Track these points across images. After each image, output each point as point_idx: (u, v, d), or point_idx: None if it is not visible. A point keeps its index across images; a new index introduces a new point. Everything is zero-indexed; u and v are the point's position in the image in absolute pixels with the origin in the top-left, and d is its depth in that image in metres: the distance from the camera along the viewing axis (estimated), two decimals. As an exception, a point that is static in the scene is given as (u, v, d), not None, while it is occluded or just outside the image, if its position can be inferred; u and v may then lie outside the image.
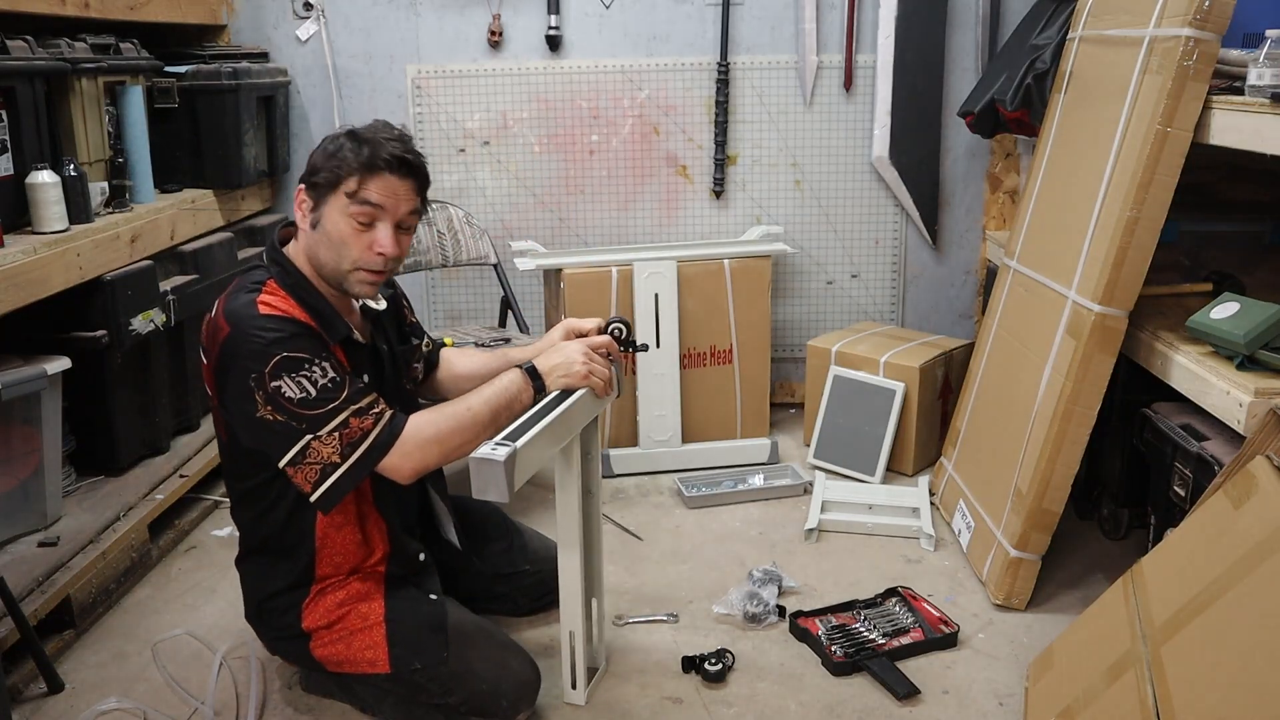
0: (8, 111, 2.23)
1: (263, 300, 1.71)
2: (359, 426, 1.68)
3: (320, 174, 1.73)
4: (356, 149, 1.71)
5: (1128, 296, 2.12)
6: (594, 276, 2.99)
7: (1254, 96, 1.87)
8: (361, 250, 1.74)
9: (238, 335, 1.67)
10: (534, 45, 3.30)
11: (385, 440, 1.70)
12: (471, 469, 1.65)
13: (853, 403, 3.03)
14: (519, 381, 1.82)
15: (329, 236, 1.74)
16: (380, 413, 1.71)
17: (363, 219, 1.73)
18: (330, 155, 1.73)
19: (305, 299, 1.77)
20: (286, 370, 1.65)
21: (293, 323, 1.70)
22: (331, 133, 1.79)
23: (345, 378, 1.70)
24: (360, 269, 1.76)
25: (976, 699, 1.99)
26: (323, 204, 1.73)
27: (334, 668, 1.88)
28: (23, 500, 2.30)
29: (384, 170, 1.72)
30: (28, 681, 2.03)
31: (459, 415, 1.75)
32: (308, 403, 1.66)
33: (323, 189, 1.73)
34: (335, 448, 1.68)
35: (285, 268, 1.79)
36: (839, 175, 3.38)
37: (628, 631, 2.23)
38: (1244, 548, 1.48)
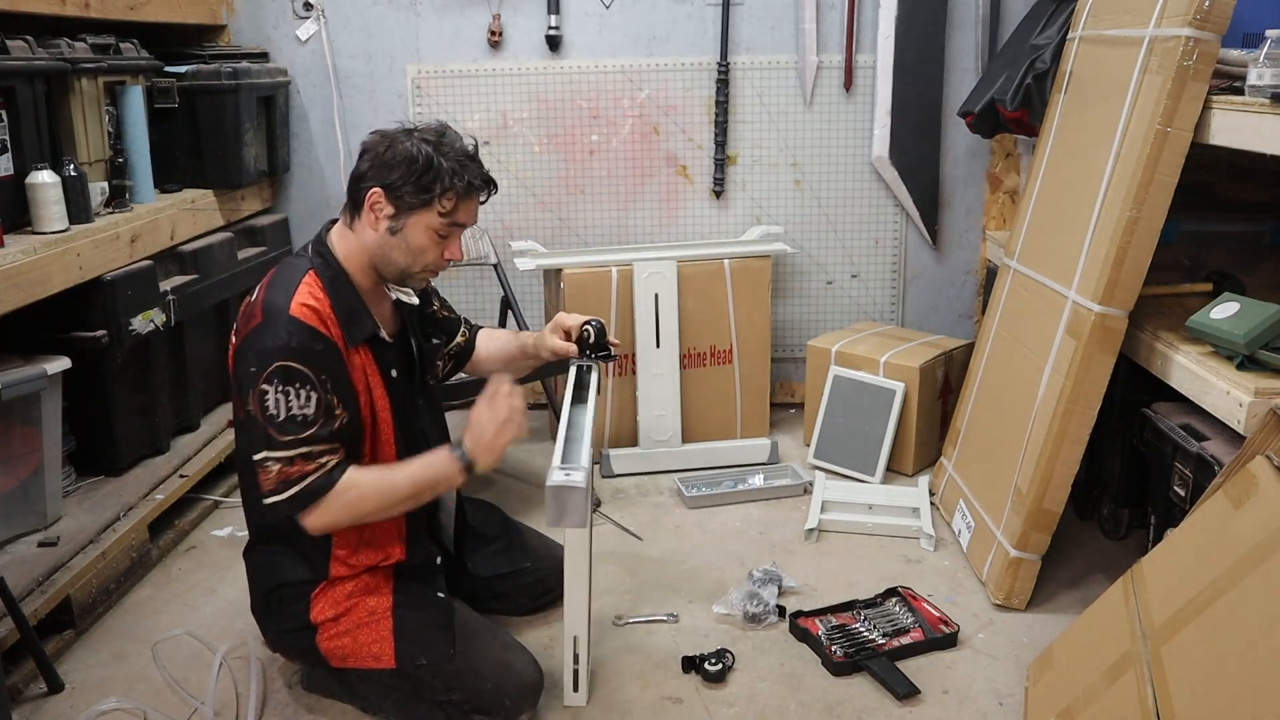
0: (8, 111, 2.23)
1: (300, 299, 1.74)
2: (299, 470, 1.72)
3: (409, 188, 1.76)
4: (453, 172, 1.77)
5: (1128, 296, 2.12)
6: (594, 276, 2.99)
7: (1254, 96, 1.87)
8: (436, 257, 1.84)
9: (263, 328, 1.73)
10: (534, 45, 3.30)
11: (317, 489, 1.73)
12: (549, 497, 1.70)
13: (853, 403, 3.03)
14: (450, 467, 1.80)
15: (408, 244, 1.81)
16: (325, 462, 1.74)
17: (444, 233, 1.82)
18: (422, 172, 1.75)
19: (341, 293, 1.80)
20: (280, 379, 1.70)
21: (314, 333, 1.73)
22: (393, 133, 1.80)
23: (319, 419, 1.73)
24: (428, 270, 1.86)
25: (976, 699, 1.99)
26: (408, 215, 1.79)
27: (338, 662, 1.88)
28: (23, 500, 2.30)
29: (473, 195, 1.82)
30: (28, 681, 2.03)
31: (381, 493, 1.78)
32: (274, 421, 1.70)
33: (413, 204, 1.78)
34: (271, 478, 1.73)
35: (328, 260, 1.83)
36: (839, 175, 3.38)
37: (628, 631, 2.23)
38: (1244, 548, 1.48)
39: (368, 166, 1.79)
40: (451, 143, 1.81)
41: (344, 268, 1.83)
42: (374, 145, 1.80)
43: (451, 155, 1.78)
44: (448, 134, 1.82)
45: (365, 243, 1.83)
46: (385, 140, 1.79)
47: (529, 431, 3.26)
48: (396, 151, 1.76)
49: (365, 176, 1.79)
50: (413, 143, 1.77)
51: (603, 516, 2.78)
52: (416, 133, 1.80)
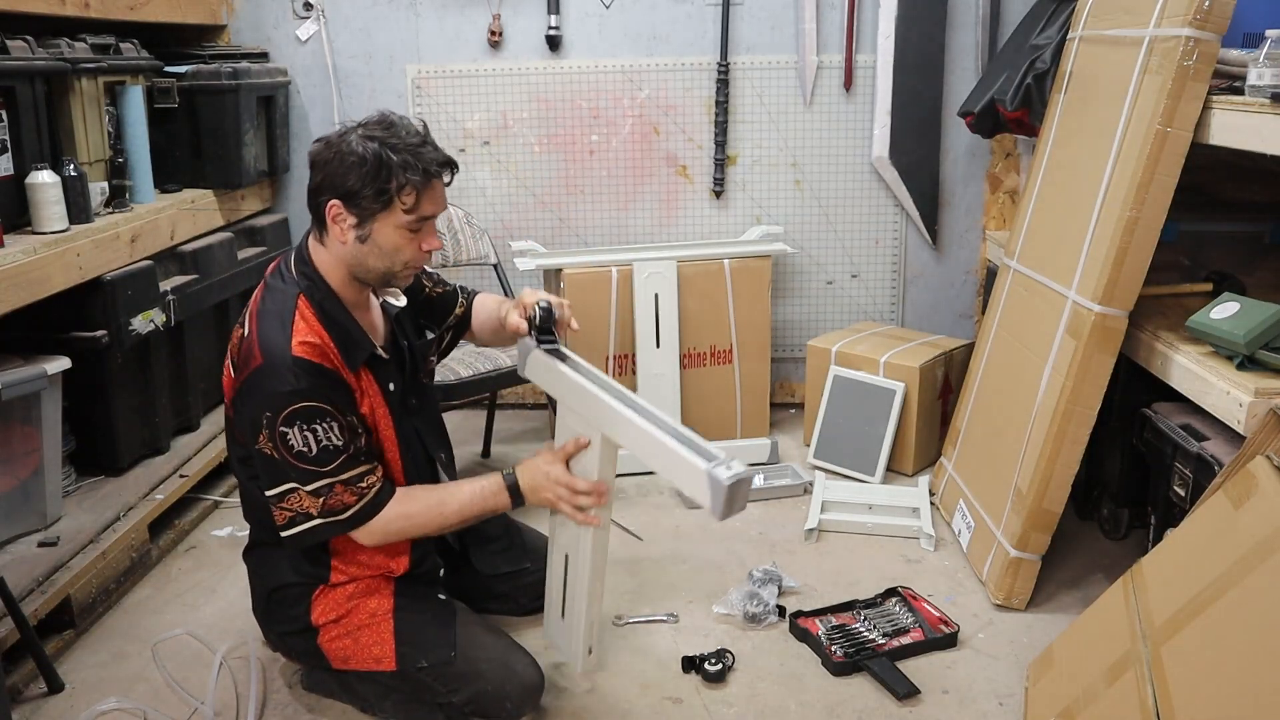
0: (8, 111, 2.23)
1: (299, 338, 1.72)
2: (342, 498, 1.74)
3: (366, 192, 1.70)
4: (406, 165, 1.69)
5: (1128, 296, 2.12)
6: (594, 276, 2.99)
7: (1254, 96, 1.87)
8: (414, 253, 1.79)
9: (267, 371, 1.70)
10: (534, 45, 3.30)
11: (363, 516, 1.76)
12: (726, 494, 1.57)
13: (853, 403, 3.03)
14: (500, 495, 1.83)
15: (380, 248, 1.76)
16: (367, 488, 1.75)
17: (415, 228, 1.76)
18: (375, 173, 1.69)
19: (334, 317, 1.78)
20: (300, 419, 1.69)
21: (320, 371, 1.72)
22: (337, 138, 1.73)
23: (349, 444, 1.74)
24: (410, 267, 1.81)
25: (976, 699, 1.99)
26: (372, 220, 1.73)
27: (339, 664, 1.88)
28: (23, 500, 2.30)
29: (435, 180, 1.75)
30: (28, 681, 2.03)
31: (431, 517, 1.82)
32: (305, 458, 1.70)
33: (373, 208, 1.72)
34: (315, 506, 1.73)
35: (315, 282, 1.79)
36: (839, 175, 3.38)
37: (628, 631, 2.23)
38: (1244, 548, 1.48)
39: (321, 179, 1.73)
40: (398, 133, 1.72)
41: (331, 287, 1.80)
42: (321, 155, 1.73)
43: (401, 147, 1.70)
44: (394, 124, 1.74)
45: (339, 255, 1.78)
46: (331, 148, 1.72)
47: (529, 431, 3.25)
48: (344, 158, 1.70)
49: (321, 189, 1.73)
50: (358, 142, 1.70)
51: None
52: (360, 130, 1.72)
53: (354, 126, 1.74)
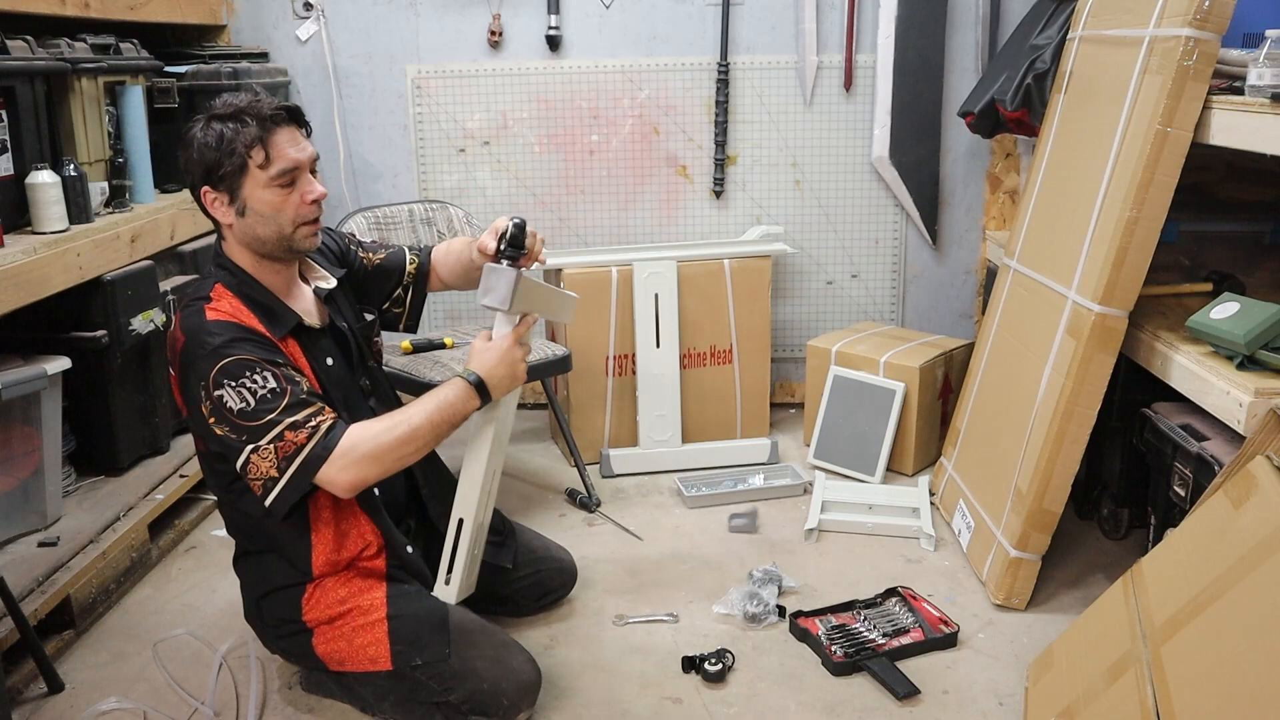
0: (8, 111, 2.23)
1: (211, 307, 1.75)
2: (293, 440, 1.70)
3: (221, 167, 1.72)
4: (239, 125, 1.71)
5: (1128, 296, 2.12)
6: (594, 276, 2.99)
7: (1254, 96, 1.87)
8: (295, 208, 1.78)
9: (190, 343, 1.72)
10: (534, 45, 3.30)
11: (320, 454, 1.71)
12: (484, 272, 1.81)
13: (853, 403, 3.03)
14: (463, 394, 1.81)
15: (261, 214, 1.76)
16: (317, 425, 1.72)
17: (284, 182, 1.75)
18: (217, 145, 1.71)
19: (252, 295, 1.80)
20: (229, 377, 1.68)
21: (238, 327, 1.73)
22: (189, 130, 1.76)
23: (287, 387, 1.72)
24: (301, 224, 1.79)
25: (976, 699, 1.99)
26: (239, 190, 1.75)
27: (335, 666, 1.88)
28: (23, 500, 2.30)
29: (277, 127, 1.74)
30: (28, 681, 2.03)
31: (398, 432, 1.76)
32: (246, 414, 1.69)
33: (232, 177, 1.73)
34: (272, 461, 1.71)
35: (230, 269, 1.82)
36: (839, 175, 3.38)
37: (628, 631, 2.23)
38: (1244, 548, 1.48)
39: (189, 177, 1.77)
40: (228, 100, 1.75)
41: (248, 273, 1.82)
42: (181, 156, 1.77)
43: (230, 112, 1.72)
44: (221, 96, 1.77)
45: (236, 240, 1.80)
46: (183, 144, 1.76)
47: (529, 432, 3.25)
48: (191, 146, 1.74)
49: (193, 185, 1.77)
50: (199, 128, 1.73)
51: (603, 516, 2.78)
52: (205, 116, 1.75)
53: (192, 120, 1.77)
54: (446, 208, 3.15)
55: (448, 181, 3.39)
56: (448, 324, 3.51)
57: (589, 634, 2.23)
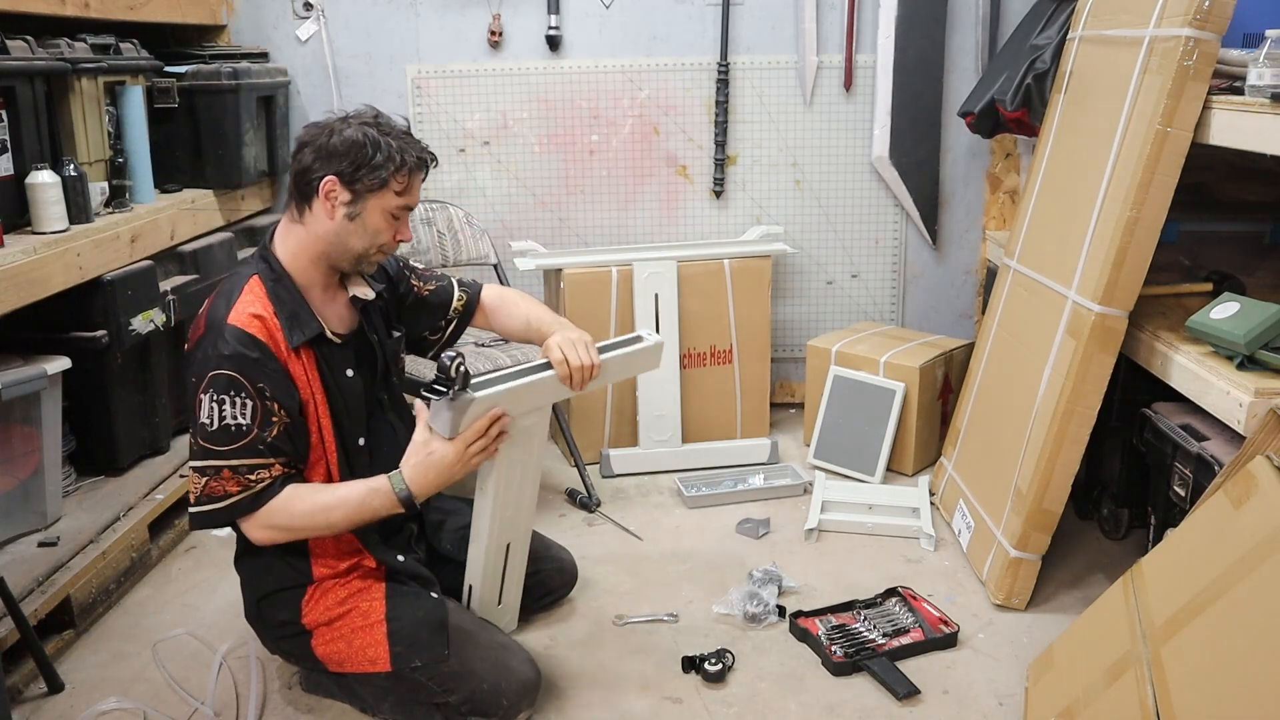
0: (8, 111, 2.23)
1: (240, 307, 1.76)
2: (225, 485, 1.73)
3: (363, 172, 1.76)
4: (401, 150, 1.78)
5: (1128, 296, 2.12)
6: (594, 276, 2.99)
7: (1254, 96, 1.87)
8: (389, 238, 1.84)
9: (205, 338, 1.75)
10: (534, 45, 3.30)
11: (245, 507, 1.75)
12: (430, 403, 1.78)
13: (853, 403, 3.03)
14: (388, 504, 1.79)
15: (366, 228, 1.80)
16: (255, 480, 1.74)
17: (398, 214, 1.82)
18: (372, 154, 1.76)
19: (284, 296, 1.80)
20: (214, 388, 1.71)
21: (252, 342, 1.73)
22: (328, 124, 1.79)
23: (254, 430, 1.73)
24: (382, 252, 1.86)
25: (976, 699, 1.99)
26: (365, 198, 1.78)
27: (335, 667, 1.88)
28: (23, 500, 2.30)
29: (420, 170, 1.83)
30: (28, 681, 2.03)
31: (314, 520, 1.79)
32: (204, 431, 1.72)
33: (370, 186, 1.77)
34: (201, 489, 1.74)
35: (271, 264, 1.83)
36: (839, 175, 3.38)
37: (628, 631, 2.23)
38: (1244, 548, 1.48)
39: (312, 158, 1.78)
40: (390, 122, 1.81)
41: (288, 270, 1.83)
42: (314, 137, 1.79)
43: (393, 134, 1.79)
44: (382, 115, 1.82)
45: (318, 233, 1.81)
46: (325, 130, 1.78)
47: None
48: (342, 138, 1.76)
49: (313, 168, 1.78)
50: (354, 128, 1.77)
51: (603, 516, 2.78)
52: (353, 118, 1.80)
53: (344, 116, 1.81)
54: (446, 208, 3.15)
55: (448, 181, 3.39)
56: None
57: (589, 634, 2.23)
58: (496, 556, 2.02)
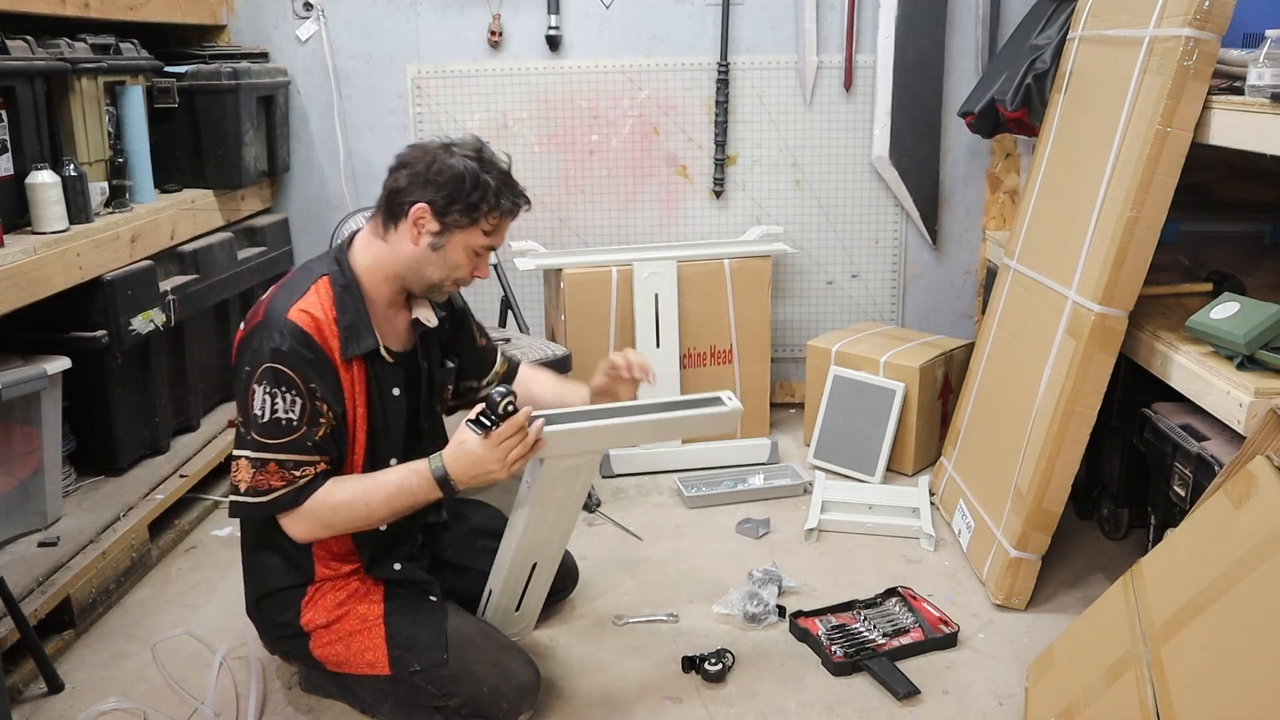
0: (8, 111, 2.23)
1: (302, 305, 1.75)
2: (270, 479, 1.73)
3: (457, 206, 1.76)
4: (499, 192, 1.78)
5: (1128, 296, 2.12)
6: (594, 276, 2.99)
7: (1254, 96, 1.87)
8: (466, 273, 1.85)
9: (262, 327, 1.75)
10: (534, 45, 3.30)
11: (287, 503, 1.75)
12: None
13: (853, 403, 3.03)
14: (426, 486, 1.78)
15: (447, 260, 1.81)
16: (299, 477, 1.75)
17: (481, 252, 1.83)
18: (470, 190, 1.75)
19: (348, 304, 1.79)
20: (266, 380, 1.71)
21: (309, 342, 1.73)
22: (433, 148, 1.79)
23: (303, 428, 1.73)
24: (457, 284, 1.87)
25: (976, 699, 1.99)
26: (452, 233, 1.78)
27: (334, 668, 1.88)
28: (23, 500, 2.30)
29: (513, 215, 1.84)
30: (28, 681, 2.03)
31: (355, 510, 1.78)
32: (256, 424, 1.72)
33: (459, 221, 1.77)
34: (247, 479, 1.74)
35: (344, 269, 1.82)
36: (839, 175, 3.38)
37: (628, 631, 2.23)
38: (1244, 548, 1.48)
39: (408, 181, 1.77)
40: (493, 160, 1.81)
41: (359, 279, 1.82)
42: (414, 160, 1.78)
43: (495, 174, 1.79)
44: (486, 151, 1.82)
45: (399, 254, 1.81)
46: (427, 155, 1.78)
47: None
48: (442, 168, 1.75)
49: (407, 190, 1.77)
50: (457, 159, 1.76)
51: (603, 516, 2.78)
52: (457, 149, 1.79)
53: (448, 143, 1.81)
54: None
55: (448, 181, 3.38)
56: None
57: (589, 634, 2.23)
58: (520, 572, 2.02)
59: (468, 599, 2.08)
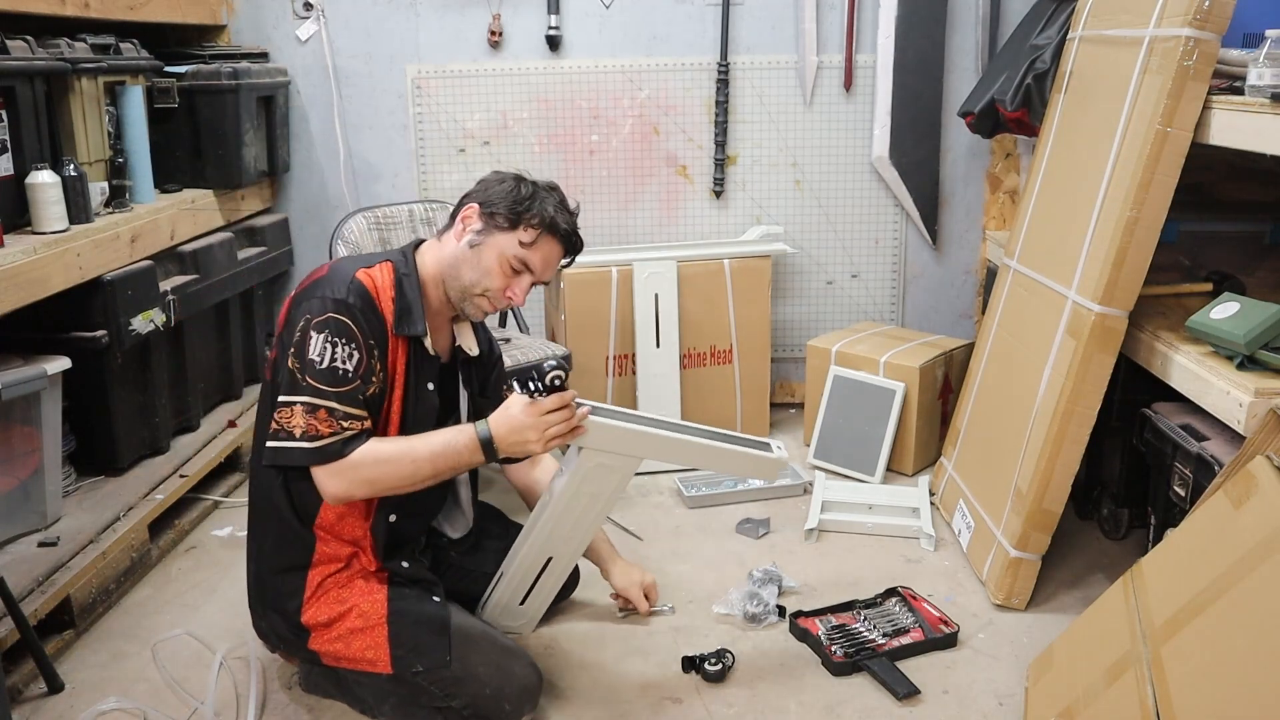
0: (8, 111, 2.23)
1: (367, 273, 1.82)
2: (320, 426, 1.74)
3: (502, 208, 1.84)
4: (545, 207, 1.85)
5: (1128, 296, 2.12)
6: (594, 276, 2.99)
7: (1254, 96, 1.87)
8: (496, 285, 1.87)
9: (324, 280, 1.81)
10: (534, 45, 3.30)
11: (333, 452, 1.75)
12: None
13: (853, 403, 3.03)
14: (470, 445, 1.82)
15: (480, 261, 1.86)
16: (347, 428, 1.76)
17: (515, 265, 1.86)
18: (521, 198, 1.84)
19: (405, 289, 1.85)
20: (327, 329, 1.74)
21: (371, 301, 1.79)
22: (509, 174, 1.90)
23: (357, 380, 1.76)
24: (483, 298, 1.89)
25: (976, 699, 1.99)
26: (491, 234, 1.85)
27: (332, 662, 1.88)
28: (23, 500, 2.30)
29: (557, 239, 1.88)
30: (28, 681, 2.03)
31: (401, 468, 1.79)
32: (313, 369, 1.74)
33: (499, 224, 1.85)
34: (301, 426, 1.75)
35: (408, 260, 1.89)
36: (839, 175, 3.38)
37: (628, 631, 2.23)
38: (1244, 548, 1.48)
39: (475, 189, 1.91)
40: (557, 194, 1.90)
41: (419, 274, 1.88)
42: (488, 178, 1.91)
43: (552, 201, 1.87)
44: (557, 189, 1.92)
45: (444, 253, 1.89)
46: (500, 175, 1.90)
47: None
48: (506, 183, 1.87)
49: (468, 196, 1.90)
50: (525, 185, 1.87)
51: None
52: (532, 181, 1.89)
53: (528, 178, 1.91)
54: (447, 208, 3.15)
55: (448, 182, 3.39)
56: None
57: (589, 634, 2.23)
58: (534, 562, 2.04)
59: (471, 601, 2.08)
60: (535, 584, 2.08)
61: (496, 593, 2.08)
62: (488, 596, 2.09)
